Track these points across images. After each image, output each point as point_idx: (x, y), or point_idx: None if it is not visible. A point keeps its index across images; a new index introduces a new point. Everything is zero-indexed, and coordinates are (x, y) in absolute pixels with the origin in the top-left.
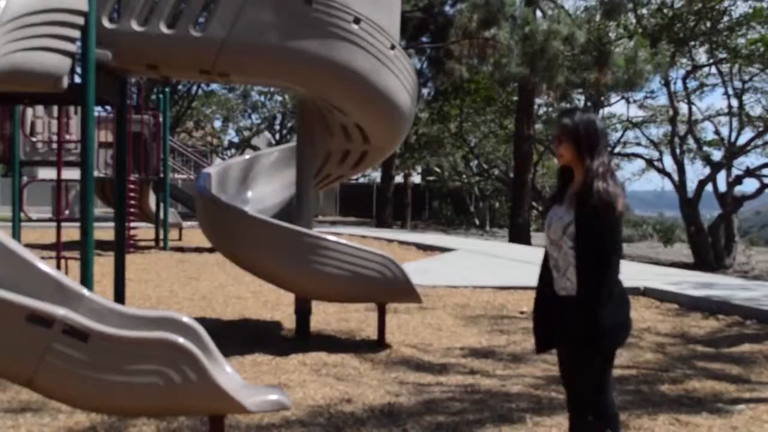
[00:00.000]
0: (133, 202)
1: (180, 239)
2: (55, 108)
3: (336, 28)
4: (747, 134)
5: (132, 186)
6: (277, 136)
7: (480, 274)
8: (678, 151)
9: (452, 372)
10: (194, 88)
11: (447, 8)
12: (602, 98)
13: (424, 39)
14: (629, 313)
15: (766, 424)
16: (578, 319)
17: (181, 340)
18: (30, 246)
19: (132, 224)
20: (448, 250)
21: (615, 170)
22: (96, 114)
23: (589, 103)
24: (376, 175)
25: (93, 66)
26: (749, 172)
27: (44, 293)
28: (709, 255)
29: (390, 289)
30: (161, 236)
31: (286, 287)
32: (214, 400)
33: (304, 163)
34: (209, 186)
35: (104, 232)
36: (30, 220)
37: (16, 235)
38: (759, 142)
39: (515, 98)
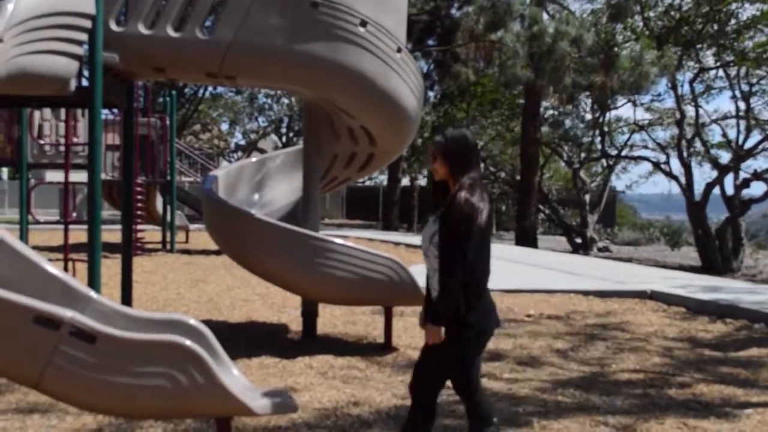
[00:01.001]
0: (140, 204)
1: (187, 242)
2: (63, 111)
3: (342, 31)
4: (755, 137)
5: (139, 188)
6: (284, 139)
7: None
8: (685, 154)
9: None
10: (201, 91)
11: (453, 11)
12: (609, 101)
13: (430, 42)
14: (490, 325)
15: None
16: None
17: (188, 342)
18: (37, 248)
19: (139, 227)
20: None
21: (484, 185)
22: (103, 117)
23: (595, 106)
24: (383, 178)
25: (100, 69)
26: (757, 176)
27: (52, 295)
28: (717, 258)
29: (397, 291)
30: (168, 239)
31: (292, 290)
32: (221, 403)
33: (310, 166)
34: (216, 189)
35: (111, 234)
36: (38, 222)
37: (23, 237)
38: (767, 145)
39: (521, 101)
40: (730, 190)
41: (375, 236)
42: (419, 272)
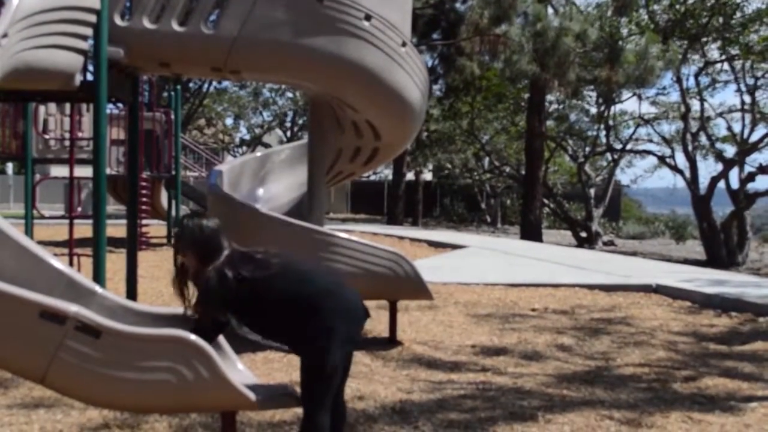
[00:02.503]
0: (145, 199)
1: None
2: (68, 105)
3: (347, 25)
4: (760, 131)
5: (144, 183)
6: (289, 134)
7: (491, 272)
8: (690, 147)
9: (464, 369)
10: (206, 85)
11: (458, 5)
12: (614, 95)
13: (435, 36)
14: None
15: None
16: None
17: (193, 336)
18: (43, 243)
19: (144, 221)
20: (459, 247)
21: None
22: (108, 111)
23: (600, 100)
24: (388, 173)
25: (105, 63)
26: (762, 169)
27: (57, 290)
28: (722, 252)
29: (401, 286)
30: (173, 233)
31: None
32: (225, 397)
33: (315, 161)
34: (221, 183)
35: (116, 229)
36: (43, 217)
37: (29, 232)
38: None
39: (527, 95)
40: (735, 183)
41: (379, 230)
42: (424, 266)
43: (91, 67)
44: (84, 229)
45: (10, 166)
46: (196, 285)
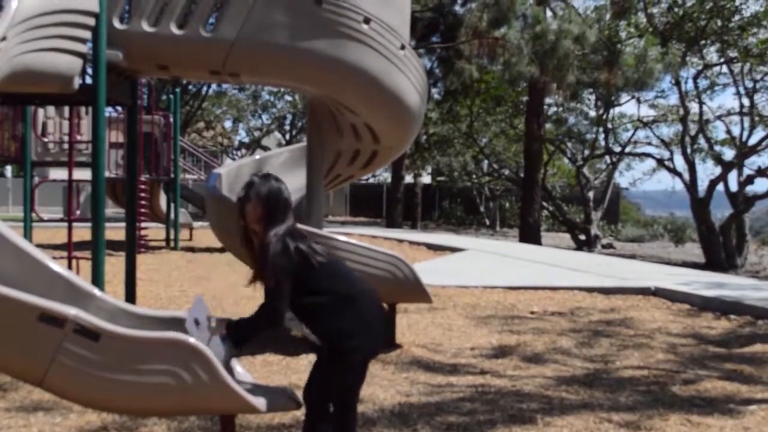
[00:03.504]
0: (143, 202)
1: (190, 239)
2: (67, 108)
3: (346, 28)
4: (758, 134)
5: (143, 186)
6: (287, 137)
7: (490, 274)
8: (689, 150)
9: (463, 372)
10: (205, 88)
11: (457, 8)
12: (612, 98)
13: (434, 39)
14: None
15: None
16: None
17: (191, 339)
18: (41, 246)
19: (143, 224)
20: (458, 250)
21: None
22: (107, 114)
23: (599, 103)
24: (386, 176)
25: (104, 67)
26: (761, 172)
27: (55, 293)
28: (721, 255)
29: (400, 289)
30: (172, 236)
31: None
32: (224, 400)
33: (314, 164)
34: (220, 186)
35: (115, 232)
36: (41, 220)
37: (27, 235)
38: None
39: (525, 98)
40: (733, 186)
41: (378, 233)
42: (423, 269)
43: (90, 70)
44: (83, 232)
45: (8, 169)
46: (260, 253)
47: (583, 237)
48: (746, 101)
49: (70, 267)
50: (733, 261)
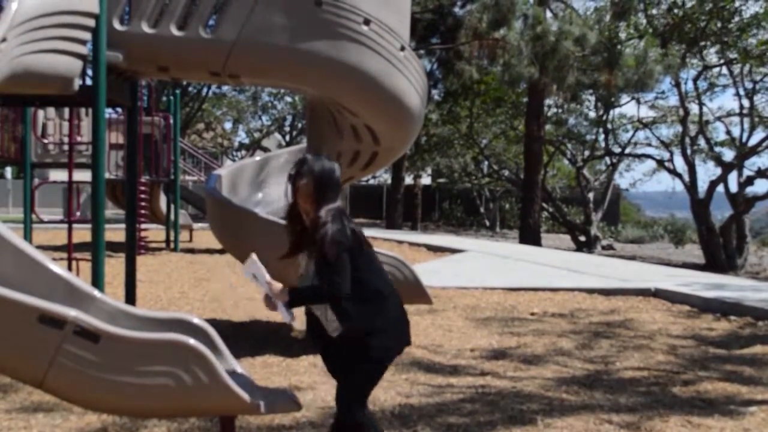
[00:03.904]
0: (143, 203)
1: (191, 240)
2: (67, 110)
3: (346, 29)
4: (758, 135)
5: (143, 187)
6: (287, 138)
7: (490, 275)
8: (689, 151)
9: (463, 373)
10: (205, 89)
11: (457, 9)
12: (612, 99)
13: (434, 40)
14: (395, 340)
15: None
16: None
17: (192, 341)
18: (41, 247)
19: (143, 226)
20: (458, 251)
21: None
22: (107, 116)
23: (599, 104)
24: (387, 177)
25: (104, 68)
26: (761, 173)
27: (55, 294)
28: (721, 256)
29: (401, 290)
30: (172, 238)
31: None
32: (224, 401)
33: None
34: (220, 187)
35: (115, 233)
36: (41, 221)
37: (27, 236)
38: None
39: (525, 99)
40: (734, 187)
41: (378, 234)
42: (423, 270)
43: (90, 72)
44: (83, 233)
45: (8, 171)
46: (317, 230)
47: (583, 238)
48: (746, 102)
49: (70, 268)
50: (733, 262)
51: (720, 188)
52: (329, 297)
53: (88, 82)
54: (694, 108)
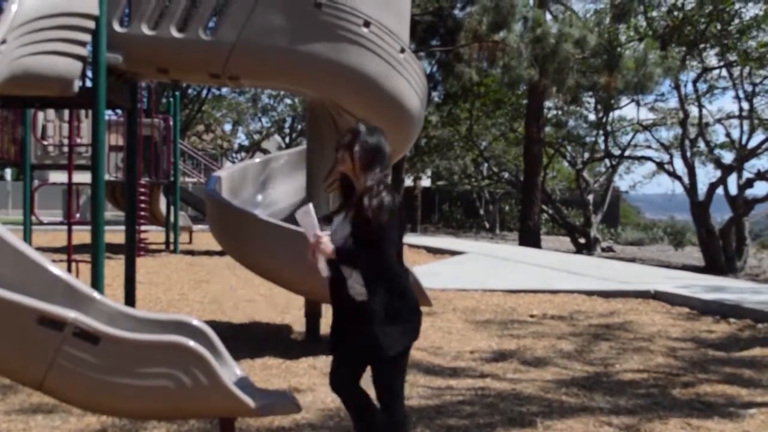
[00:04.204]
0: (143, 205)
1: (190, 242)
2: (66, 111)
3: (346, 31)
4: (758, 137)
5: (142, 189)
6: (287, 140)
7: (490, 278)
8: (688, 153)
9: (462, 375)
10: (204, 91)
11: (456, 11)
12: (612, 101)
13: (433, 42)
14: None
15: None
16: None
17: (191, 343)
18: (41, 249)
19: (142, 227)
20: (458, 253)
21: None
22: (107, 117)
23: (599, 106)
24: None
25: (104, 70)
26: (760, 175)
27: (55, 296)
28: (720, 258)
29: None
30: (171, 239)
31: (295, 290)
32: (224, 403)
33: (313, 166)
34: (219, 189)
35: (115, 235)
36: (41, 223)
37: (27, 238)
38: None
39: (525, 101)
40: (733, 189)
41: None
42: (422, 273)
43: (89, 73)
44: (82, 235)
45: (8, 172)
46: (367, 198)
47: (582, 240)
48: (746, 104)
49: (69, 270)
50: (732, 264)
51: (720, 190)
52: (372, 264)
53: (88, 83)
54: (693, 110)
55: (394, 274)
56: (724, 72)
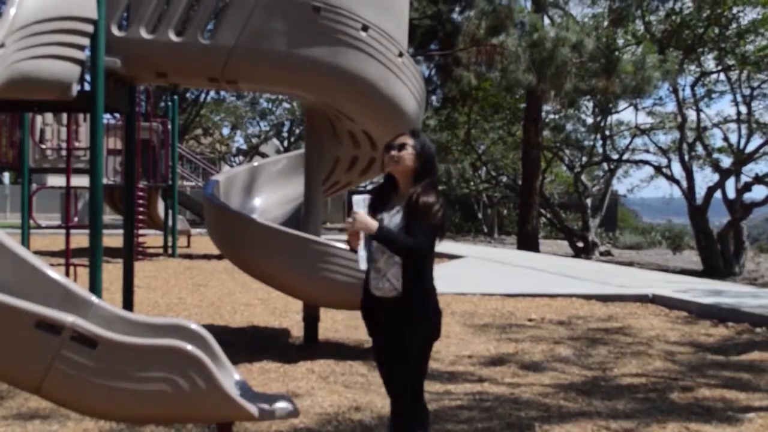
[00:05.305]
0: (141, 209)
1: (188, 246)
2: (65, 115)
3: (344, 35)
4: (756, 141)
5: (141, 193)
6: (286, 143)
7: (488, 282)
8: (686, 157)
9: (461, 380)
10: (203, 95)
11: (455, 15)
12: (610, 105)
13: (432, 46)
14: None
15: None
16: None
17: (189, 347)
18: (39, 253)
19: (141, 231)
20: (456, 257)
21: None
22: (105, 121)
23: (597, 110)
24: None
25: (102, 73)
26: (758, 179)
27: (53, 300)
28: (718, 262)
29: None
30: (170, 243)
31: (294, 294)
32: (222, 408)
33: (312, 171)
34: (218, 193)
35: (113, 239)
36: (39, 227)
37: (25, 242)
38: None
39: (523, 105)
40: (731, 193)
41: None
42: None
43: (88, 77)
44: (80, 239)
45: (6, 176)
46: (419, 197)
47: (581, 244)
48: (743, 109)
49: (67, 274)
50: (730, 268)
51: (718, 194)
52: (407, 251)
53: (87, 87)
54: (691, 114)
55: (429, 273)
56: (722, 76)
